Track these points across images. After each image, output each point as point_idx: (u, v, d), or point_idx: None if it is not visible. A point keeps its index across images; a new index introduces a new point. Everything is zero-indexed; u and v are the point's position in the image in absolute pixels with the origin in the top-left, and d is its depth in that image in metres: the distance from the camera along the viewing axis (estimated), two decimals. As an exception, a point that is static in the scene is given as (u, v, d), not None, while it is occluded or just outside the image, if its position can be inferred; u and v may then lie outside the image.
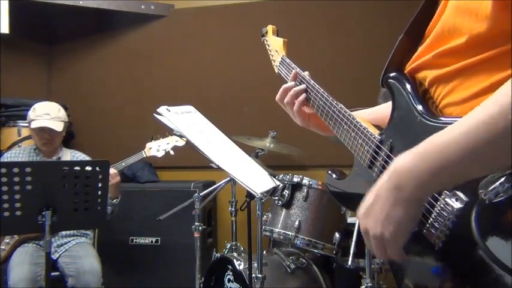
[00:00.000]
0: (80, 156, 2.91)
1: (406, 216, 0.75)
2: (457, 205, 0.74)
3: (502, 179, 0.66)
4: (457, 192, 0.74)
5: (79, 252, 2.68)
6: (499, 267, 0.66)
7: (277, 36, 1.47)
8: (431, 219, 0.79)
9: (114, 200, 2.63)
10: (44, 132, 2.71)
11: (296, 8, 3.39)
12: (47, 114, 2.72)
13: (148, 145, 2.69)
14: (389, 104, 0.99)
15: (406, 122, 0.88)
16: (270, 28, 1.49)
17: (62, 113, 2.81)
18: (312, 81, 1.20)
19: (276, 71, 1.40)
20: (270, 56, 1.46)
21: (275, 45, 1.43)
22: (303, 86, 1.20)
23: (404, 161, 0.74)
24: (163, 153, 2.67)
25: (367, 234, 0.79)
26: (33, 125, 2.69)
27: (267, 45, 1.49)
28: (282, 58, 1.36)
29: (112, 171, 2.53)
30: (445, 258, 0.78)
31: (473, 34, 0.76)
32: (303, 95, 1.19)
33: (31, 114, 2.74)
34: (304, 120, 1.23)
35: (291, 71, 1.28)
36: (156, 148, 2.67)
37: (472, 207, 0.71)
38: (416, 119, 0.85)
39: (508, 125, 0.62)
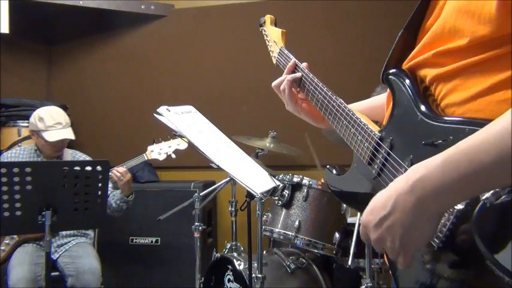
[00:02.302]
0: (81, 156, 2.90)
1: (428, 229, 0.73)
2: (458, 206, 0.73)
3: None
4: None
5: (79, 252, 2.68)
6: (498, 269, 0.66)
7: (276, 26, 1.45)
8: None
9: (129, 197, 2.64)
10: (58, 143, 2.66)
11: (296, 8, 3.39)
12: (59, 124, 2.64)
13: (149, 148, 2.68)
14: (383, 95, 0.98)
15: (407, 120, 0.88)
16: (268, 18, 1.47)
17: (67, 116, 2.75)
18: (311, 74, 1.20)
19: (274, 62, 1.39)
20: (268, 46, 1.44)
21: (273, 35, 1.41)
22: (298, 74, 1.23)
23: (430, 170, 0.69)
24: (164, 156, 2.66)
25: (383, 243, 0.75)
26: (49, 137, 2.59)
27: (264, 35, 1.46)
28: (280, 49, 1.35)
29: (122, 169, 2.54)
30: (443, 259, 0.77)
31: (475, 36, 0.75)
32: (295, 76, 1.23)
33: (39, 124, 2.61)
34: (296, 106, 1.26)
35: (289, 63, 1.28)
36: (158, 151, 2.66)
37: (473, 209, 0.70)
38: (417, 117, 0.84)
39: None
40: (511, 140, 0.61)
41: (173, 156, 2.67)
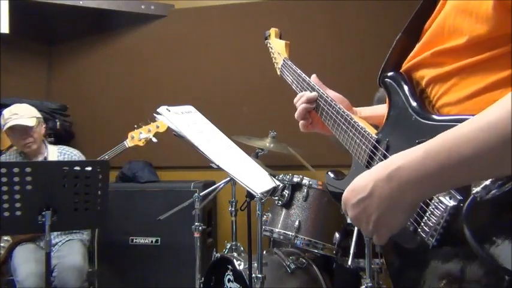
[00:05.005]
0: (68, 151, 2.89)
1: (401, 220, 0.74)
2: (451, 203, 0.74)
3: None
4: (451, 190, 0.74)
5: (64, 251, 2.68)
6: (489, 264, 0.66)
7: (280, 38, 1.49)
8: (425, 217, 0.79)
9: None
10: (18, 133, 2.70)
11: (296, 8, 3.39)
12: (15, 114, 2.71)
13: (130, 134, 2.68)
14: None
15: (402, 121, 0.89)
16: (272, 31, 1.51)
17: (32, 110, 2.80)
18: (312, 83, 1.22)
19: (278, 73, 1.43)
20: (273, 58, 1.48)
21: (277, 47, 1.45)
22: (313, 100, 1.21)
23: (409, 160, 0.70)
24: (144, 142, 2.66)
25: (358, 222, 0.78)
26: (5, 128, 2.69)
27: (269, 48, 1.51)
28: (284, 60, 1.39)
29: None
30: (438, 257, 0.78)
31: (473, 35, 0.76)
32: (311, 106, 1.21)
33: (2, 121, 2.73)
34: (324, 129, 1.24)
35: (292, 73, 1.30)
36: (138, 137, 2.66)
37: (465, 205, 0.71)
38: (412, 117, 0.86)
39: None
40: (487, 135, 0.62)
41: (154, 140, 2.65)
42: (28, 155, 2.80)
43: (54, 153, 2.83)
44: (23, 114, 2.72)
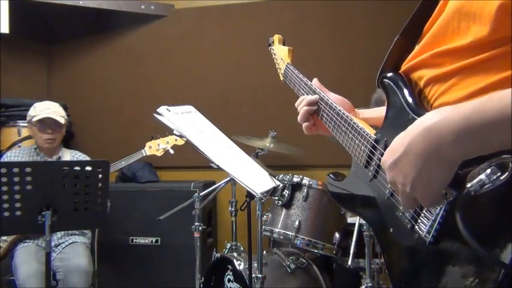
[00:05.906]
0: (80, 156, 2.91)
1: (440, 177, 0.71)
2: (448, 198, 0.74)
3: (488, 170, 0.66)
4: (447, 187, 0.74)
5: (69, 253, 2.67)
6: (485, 258, 0.66)
7: (284, 45, 1.50)
8: (422, 214, 0.79)
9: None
10: (46, 126, 2.75)
11: (296, 7, 3.39)
12: (48, 109, 2.78)
13: (148, 144, 2.74)
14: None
15: (400, 121, 0.89)
16: (276, 38, 1.53)
17: (62, 111, 2.87)
18: (314, 86, 1.23)
19: (282, 78, 1.45)
20: (276, 64, 1.50)
21: (280, 53, 1.47)
22: (315, 102, 1.21)
23: (454, 113, 0.67)
24: (162, 152, 2.71)
25: (395, 185, 0.76)
26: (36, 119, 2.73)
27: (273, 54, 1.53)
28: (286, 65, 1.40)
29: None
30: (435, 253, 0.78)
31: (476, 37, 0.75)
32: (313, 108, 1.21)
33: (32, 111, 2.78)
34: (327, 131, 1.24)
35: (295, 78, 1.32)
36: (156, 147, 2.70)
37: (459, 200, 0.71)
38: (409, 116, 0.86)
39: None
40: None
41: (171, 151, 2.70)
42: (45, 152, 2.82)
43: (67, 155, 2.88)
44: (56, 110, 2.81)
